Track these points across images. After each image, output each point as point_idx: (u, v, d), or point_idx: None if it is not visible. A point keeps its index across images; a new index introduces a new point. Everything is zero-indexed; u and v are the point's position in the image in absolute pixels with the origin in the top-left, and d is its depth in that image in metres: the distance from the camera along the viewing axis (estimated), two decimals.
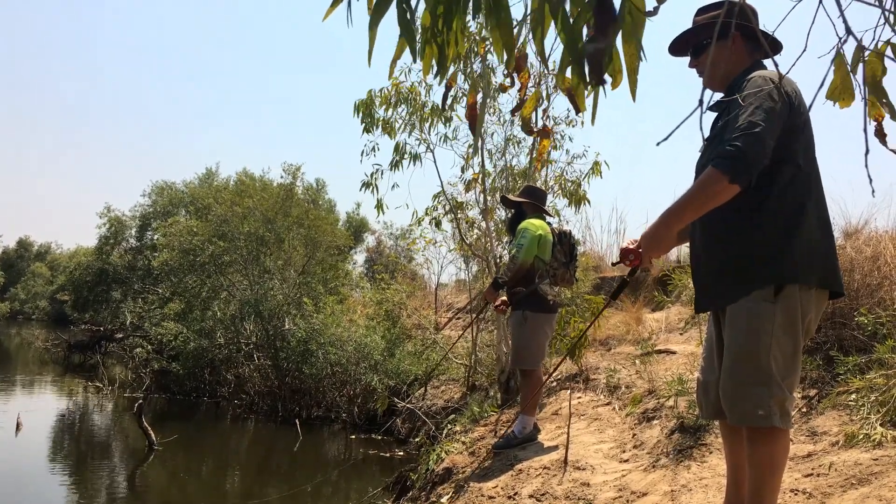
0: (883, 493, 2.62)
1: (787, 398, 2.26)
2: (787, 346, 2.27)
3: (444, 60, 1.39)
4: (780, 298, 2.25)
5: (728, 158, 2.15)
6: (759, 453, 2.28)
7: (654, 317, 7.81)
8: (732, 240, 2.35)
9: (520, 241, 4.76)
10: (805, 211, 2.28)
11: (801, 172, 2.29)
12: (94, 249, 24.85)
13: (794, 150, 2.27)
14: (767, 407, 2.23)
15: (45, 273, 49.91)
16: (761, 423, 2.25)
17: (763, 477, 2.26)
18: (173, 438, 8.98)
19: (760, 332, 2.25)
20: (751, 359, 2.27)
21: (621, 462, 4.11)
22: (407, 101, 7.08)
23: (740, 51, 2.44)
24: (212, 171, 23.13)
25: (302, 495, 6.88)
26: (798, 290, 2.26)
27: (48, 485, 7.33)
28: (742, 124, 2.16)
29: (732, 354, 2.32)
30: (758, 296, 2.27)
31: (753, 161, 2.14)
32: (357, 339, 10.06)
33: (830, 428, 3.49)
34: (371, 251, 26.54)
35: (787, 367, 2.27)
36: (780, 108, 2.21)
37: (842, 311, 4.43)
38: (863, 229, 6.21)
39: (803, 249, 2.26)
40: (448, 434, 6.47)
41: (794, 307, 2.26)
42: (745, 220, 2.32)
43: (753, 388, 2.26)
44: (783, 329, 2.25)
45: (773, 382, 2.24)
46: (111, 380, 13.75)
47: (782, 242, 2.27)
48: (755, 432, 2.28)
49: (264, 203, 12.95)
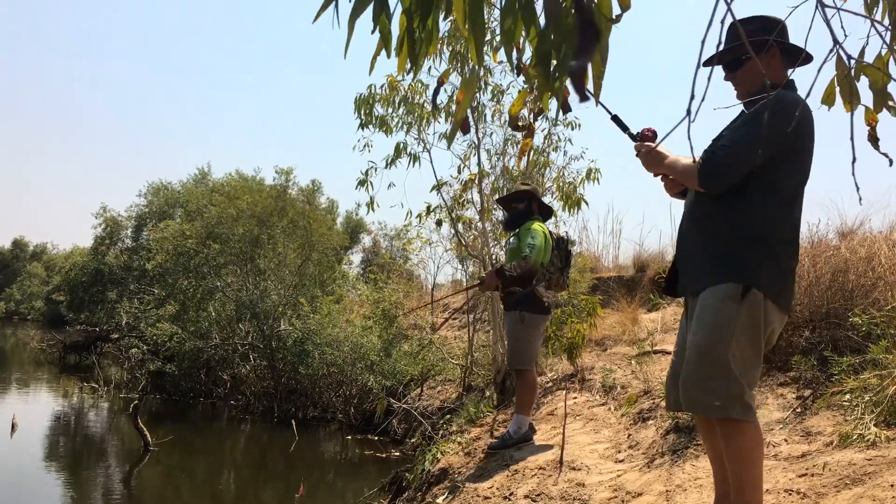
0: (877, 493, 2.63)
1: (744, 391, 2.36)
2: (747, 346, 2.38)
3: (417, 57, 1.42)
4: (746, 301, 2.37)
5: (709, 164, 2.40)
6: (733, 447, 2.37)
7: (650, 317, 7.82)
8: (719, 229, 2.47)
9: (531, 242, 4.77)
10: (778, 234, 2.42)
11: (781, 194, 2.41)
12: (89, 250, 24.78)
13: (782, 172, 2.39)
14: (724, 398, 2.35)
15: (41, 273, 49.79)
16: (718, 413, 2.37)
17: (741, 470, 2.36)
18: (169, 439, 8.96)
19: (723, 329, 2.37)
20: (711, 353, 2.38)
21: (617, 462, 4.12)
22: (405, 101, 7.08)
23: (777, 66, 2.52)
24: (204, 171, 23.08)
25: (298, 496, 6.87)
26: (763, 298, 2.38)
27: (44, 486, 7.31)
28: (738, 141, 2.37)
29: (695, 347, 2.43)
30: (726, 293, 2.39)
31: (726, 175, 2.39)
32: (353, 339, 10.05)
33: (825, 428, 3.51)
34: (368, 252, 26.52)
35: (746, 364, 2.39)
36: (776, 129, 2.31)
37: (836, 311, 4.45)
38: (857, 230, 6.23)
39: (779, 269, 2.42)
40: (444, 434, 6.48)
41: (758, 313, 2.38)
42: (732, 215, 2.44)
43: (711, 381, 2.37)
44: (745, 330, 2.37)
45: (731, 377, 2.35)
46: (107, 380, 13.74)
47: (761, 252, 2.40)
48: (726, 426, 2.38)
49: (259, 204, 12.91)
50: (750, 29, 2.42)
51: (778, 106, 2.30)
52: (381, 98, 7.01)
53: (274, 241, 12.82)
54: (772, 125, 2.31)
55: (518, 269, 4.75)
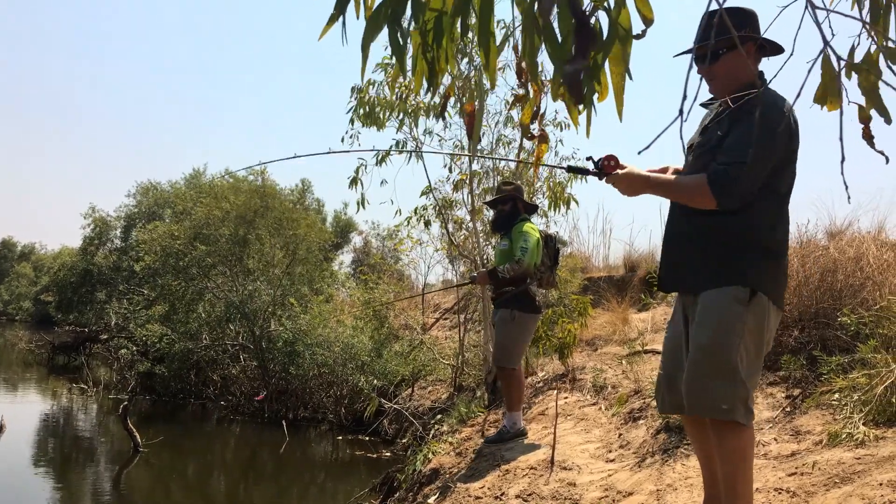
0: (865, 491, 2.65)
1: (749, 395, 2.36)
2: (752, 348, 2.37)
3: (434, 77, 1.41)
4: (752, 304, 2.36)
5: (723, 185, 2.30)
6: (728, 448, 2.36)
7: (640, 317, 7.84)
8: (721, 233, 2.44)
9: (523, 245, 4.83)
10: (777, 237, 2.43)
11: (777, 197, 2.42)
12: (78, 250, 24.65)
13: (779, 176, 2.40)
14: (731, 402, 2.32)
15: (29, 274, 49.37)
16: (724, 416, 2.34)
17: (735, 470, 2.35)
18: (159, 440, 8.92)
19: (731, 330, 2.35)
20: (719, 353, 2.35)
21: (607, 462, 4.13)
22: (400, 100, 7.07)
23: (752, 59, 2.50)
24: (199, 171, 23.00)
25: (288, 497, 6.86)
26: (767, 301, 2.38)
27: (32, 487, 7.26)
28: (748, 155, 2.27)
29: (701, 348, 2.40)
30: (732, 295, 2.37)
31: (744, 194, 2.32)
32: (344, 339, 10.03)
33: (814, 427, 3.52)
34: (359, 252, 26.45)
35: (751, 367, 2.38)
36: (781, 141, 2.32)
37: (825, 311, 4.48)
38: (846, 230, 6.26)
39: (779, 272, 2.44)
40: (435, 435, 6.47)
41: (763, 316, 2.38)
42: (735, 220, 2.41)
43: (718, 382, 2.34)
44: (751, 333, 2.36)
45: (738, 379, 2.33)
46: (96, 381, 13.64)
47: (766, 256, 2.41)
48: (722, 427, 2.36)
49: (243, 204, 12.83)
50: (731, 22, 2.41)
51: (766, 111, 2.30)
52: (379, 100, 7.00)
53: (261, 241, 12.78)
54: (767, 134, 2.29)
55: (511, 272, 4.83)
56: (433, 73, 1.40)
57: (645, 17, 1.30)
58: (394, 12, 1.33)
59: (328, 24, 1.38)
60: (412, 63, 1.43)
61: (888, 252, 4.80)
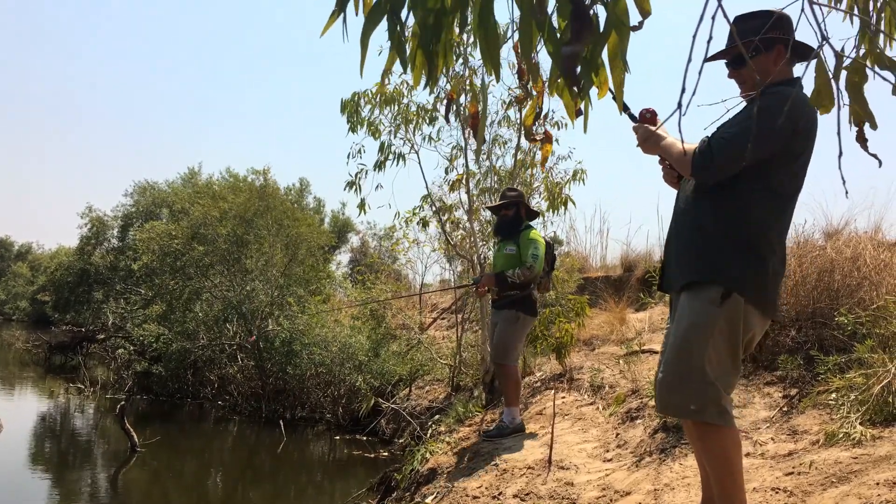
0: (862, 491, 2.65)
1: (721, 396, 2.33)
2: (723, 351, 2.35)
3: (434, 71, 1.41)
4: (726, 306, 2.33)
5: (703, 154, 2.34)
6: (710, 450, 2.37)
7: (638, 317, 7.85)
8: (708, 227, 2.44)
9: (535, 252, 5.10)
10: (769, 239, 2.38)
11: (775, 197, 2.38)
12: (75, 250, 24.58)
13: (777, 175, 2.36)
14: (700, 402, 2.32)
15: (26, 273, 49.25)
16: (694, 417, 2.35)
17: (721, 474, 2.35)
18: (156, 440, 8.91)
19: (700, 332, 2.34)
20: (687, 354, 2.36)
21: (605, 461, 4.13)
22: (392, 102, 7.08)
23: (783, 61, 2.45)
24: (194, 170, 22.95)
25: (286, 497, 6.86)
26: (744, 303, 2.35)
27: (29, 487, 7.25)
28: (736, 133, 2.30)
29: (673, 348, 2.42)
30: (706, 295, 2.36)
31: (719, 170, 2.34)
32: (342, 339, 10.03)
33: (811, 427, 3.53)
34: (356, 252, 26.43)
35: (723, 369, 2.35)
36: (778, 135, 2.29)
37: (822, 311, 4.48)
38: (843, 230, 6.28)
39: (765, 274, 2.38)
40: (433, 434, 6.47)
41: (737, 318, 2.35)
42: (723, 214, 2.41)
43: (686, 383, 2.35)
44: (722, 335, 2.34)
45: (707, 380, 2.32)
46: (93, 381, 13.61)
47: (748, 256, 2.37)
48: (702, 428, 2.37)
49: (243, 204, 12.82)
50: (755, 24, 2.35)
51: (771, 102, 2.25)
52: (367, 99, 7.01)
53: (260, 241, 12.76)
54: (762, 121, 2.27)
55: (521, 277, 5.08)
56: (433, 66, 1.41)
57: (642, 9, 1.31)
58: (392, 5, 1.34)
59: (330, 20, 1.38)
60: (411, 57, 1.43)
61: (885, 252, 4.82)
